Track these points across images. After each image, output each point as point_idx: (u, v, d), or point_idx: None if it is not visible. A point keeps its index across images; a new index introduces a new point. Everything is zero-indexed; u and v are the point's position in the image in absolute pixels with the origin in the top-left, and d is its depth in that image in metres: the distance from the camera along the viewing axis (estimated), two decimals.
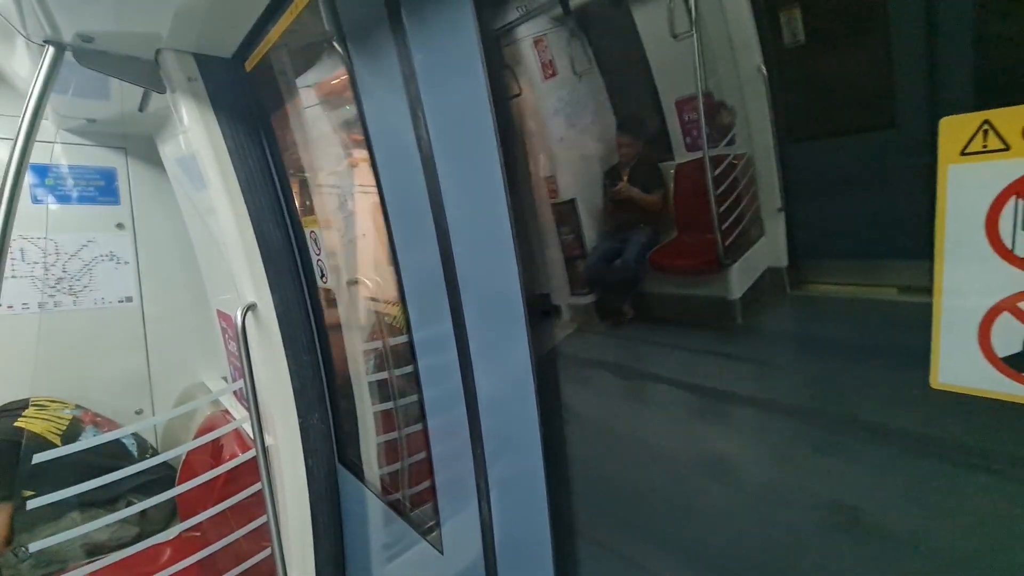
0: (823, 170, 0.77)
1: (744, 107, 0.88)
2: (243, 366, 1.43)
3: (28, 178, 2.15)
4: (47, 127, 2.17)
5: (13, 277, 2.12)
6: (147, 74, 1.47)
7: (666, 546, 0.90)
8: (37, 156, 2.17)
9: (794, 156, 0.81)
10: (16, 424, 1.84)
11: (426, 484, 1.18)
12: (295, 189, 1.54)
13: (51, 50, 1.31)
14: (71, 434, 1.93)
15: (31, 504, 1.30)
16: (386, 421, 1.53)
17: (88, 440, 1.89)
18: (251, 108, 1.52)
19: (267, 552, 1.56)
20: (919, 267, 0.60)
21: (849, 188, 0.72)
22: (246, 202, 1.47)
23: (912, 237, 0.61)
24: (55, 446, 1.81)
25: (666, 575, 0.89)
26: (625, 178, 1.08)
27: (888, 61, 0.69)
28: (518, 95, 1.10)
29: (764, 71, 0.82)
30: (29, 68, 1.67)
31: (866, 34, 0.71)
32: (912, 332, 0.60)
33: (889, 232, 0.68)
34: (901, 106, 0.66)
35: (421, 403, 1.16)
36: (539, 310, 0.89)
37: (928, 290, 0.57)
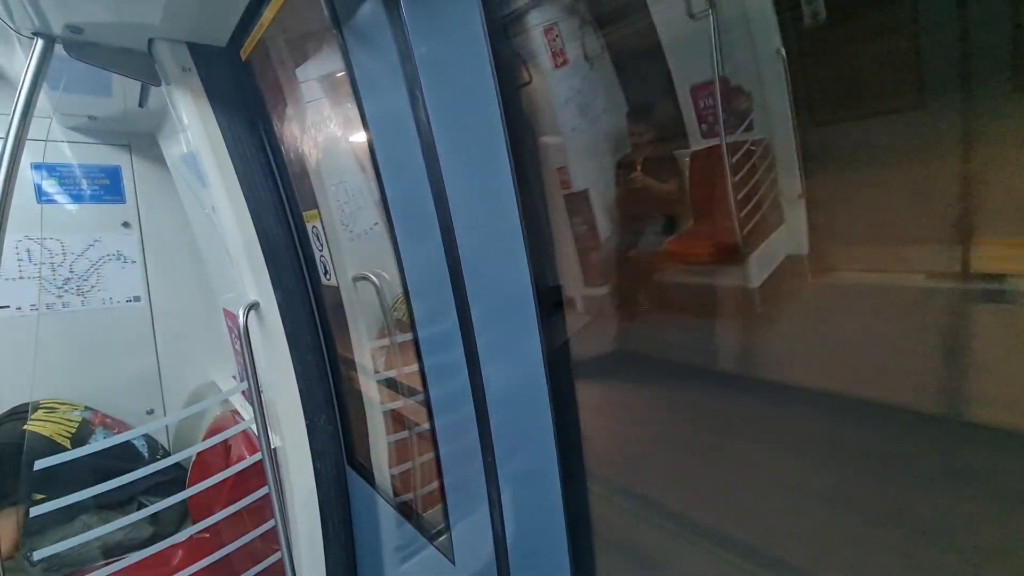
0: (845, 155, 0.71)
1: (762, 91, 0.82)
2: (247, 366, 1.39)
3: (32, 177, 2.13)
4: (46, 124, 2.14)
5: (21, 278, 2.11)
6: (141, 66, 1.42)
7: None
8: (42, 155, 2.15)
9: (815, 141, 0.76)
10: (25, 427, 1.83)
11: (437, 490, 1.13)
12: (295, 182, 1.48)
13: (40, 43, 1.26)
14: (81, 436, 1.92)
15: (35, 511, 1.28)
16: (394, 423, 1.48)
17: (97, 443, 1.88)
18: (248, 98, 1.46)
19: (278, 555, 1.53)
20: (948, 253, 0.56)
21: (874, 173, 0.66)
22: (245, 196, 1.42)
23: (941, 223, 0.58)
24: (65, 449, 1.80)
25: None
26: (639, 167, 1.02)
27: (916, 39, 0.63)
28: (528, 83, 1.03)
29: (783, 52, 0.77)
30: None
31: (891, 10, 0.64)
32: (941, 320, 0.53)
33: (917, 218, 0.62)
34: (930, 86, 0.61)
35: (428, 405, 1.10)
36: (551, 303, 0.83)
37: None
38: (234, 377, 2.33)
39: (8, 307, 2.09)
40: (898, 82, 0.64)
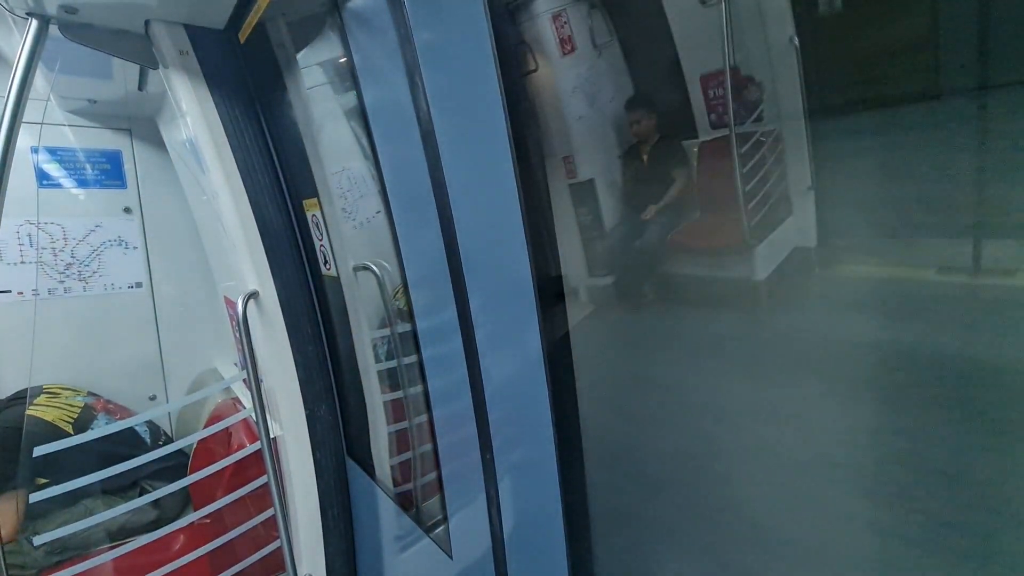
0: (857, 147, 0.69)
1: (773, 81, 0.80)
2: (246, 355, 1.38)
3: (32, 160, 2.12)
4: (50, 108, 2.12)
5: (22, 263, 2.10)
6: (138, 48, 1.39)
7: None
8: (38, 138, 2.13)
9: (826, 132, 0.74)
10: (28, 412, 1.83)
11: (435, 484, 1.12)
12: (295, 169, 1.45)
13: (34, 23, 1.24)
14: (83, 422, 1.92)
15: (38, 495, 1.29)
16: (394, 414, 1.47)
17: (99, 429, 1.88)
18: (247, 83, 1.43)
19: (278, 543, 1.54)
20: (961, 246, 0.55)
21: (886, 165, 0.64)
22: (244, 184, 1.40)
23: (956, 215, 0.56)
24: (67, 434, 1.81)
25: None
26: (645, 157, 1.00)
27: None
28: (534, 71, 1.01)
29: (796, 42, 0.74)
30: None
31: None
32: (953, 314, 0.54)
33: (930, 211, 0.61)
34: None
35: (427, 398, 1.09)
36: (551, 295, 0.81)
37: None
38: (236, 364, 2.33)
39: (10, 291, 2.08)
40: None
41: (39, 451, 1.26)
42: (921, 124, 0.60)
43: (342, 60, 1.18)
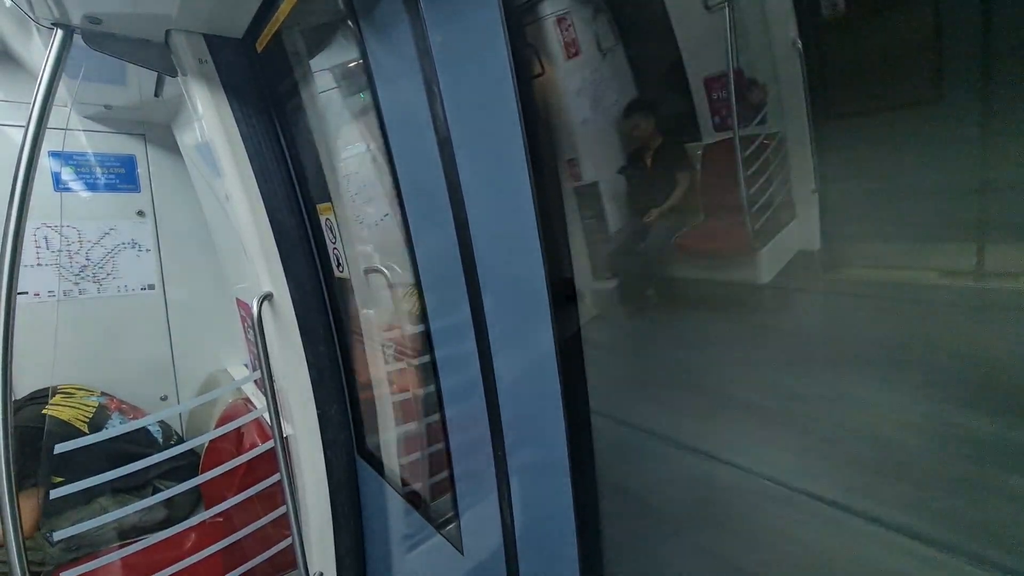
0: (862, 149, 0.70)
1: (777, 84, 0.82)
2: (260, 356, 1.41)
3: (49, 165, 2.16)
4: (64, 113, 2.16)
5: (39, 265, 2.14)
6: (158, 57, 1.43)
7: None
8: (56, 143, 2.18)
9: (830, 135, 0.75)
10: (44, 412, 1.87)
11: (446, 482, 1.15)
12: (309, 174, 1.49)
13: (59, 33, 1.28)
14: (98, 421, 1.96)
15: (55, 493, 1.31)
16: (405, 414, 1.49)
17: (114, 428, 1.92)
18: (263, 90, 1.47)
19: (289, 540, 1.56)
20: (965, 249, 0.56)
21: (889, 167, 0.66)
22: (260, 189, 1.43)
23: (959, 218, 0.58)
24: (83, 433, 1.84)
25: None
26: (648, 161, 1.02)
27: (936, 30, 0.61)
28: (540, 75, 1.04)
29: (799, 45, 0.76)
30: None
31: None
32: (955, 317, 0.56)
33: (933, 213, 0.62)
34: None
35: (439, 397, 1.11)
36: (564, 296, 0.83)
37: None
38: (245, 365, 2.37)
39: (27, 293, 2.12)
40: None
41: (60, 448, 1.29)
42: (925, 128, 0.62)
43: (357, 68, 1.22)
